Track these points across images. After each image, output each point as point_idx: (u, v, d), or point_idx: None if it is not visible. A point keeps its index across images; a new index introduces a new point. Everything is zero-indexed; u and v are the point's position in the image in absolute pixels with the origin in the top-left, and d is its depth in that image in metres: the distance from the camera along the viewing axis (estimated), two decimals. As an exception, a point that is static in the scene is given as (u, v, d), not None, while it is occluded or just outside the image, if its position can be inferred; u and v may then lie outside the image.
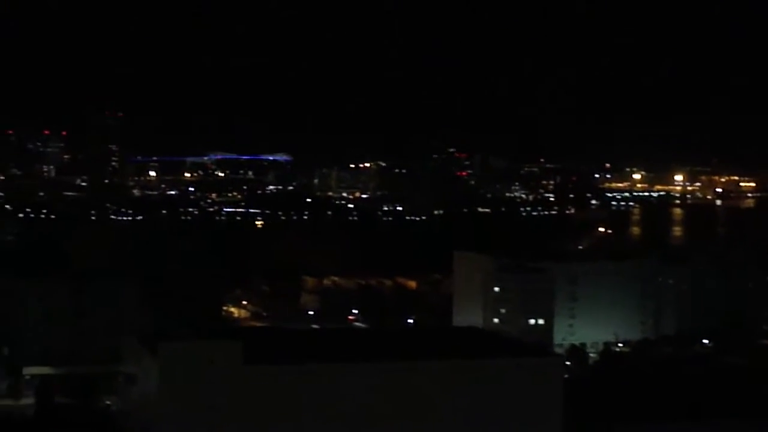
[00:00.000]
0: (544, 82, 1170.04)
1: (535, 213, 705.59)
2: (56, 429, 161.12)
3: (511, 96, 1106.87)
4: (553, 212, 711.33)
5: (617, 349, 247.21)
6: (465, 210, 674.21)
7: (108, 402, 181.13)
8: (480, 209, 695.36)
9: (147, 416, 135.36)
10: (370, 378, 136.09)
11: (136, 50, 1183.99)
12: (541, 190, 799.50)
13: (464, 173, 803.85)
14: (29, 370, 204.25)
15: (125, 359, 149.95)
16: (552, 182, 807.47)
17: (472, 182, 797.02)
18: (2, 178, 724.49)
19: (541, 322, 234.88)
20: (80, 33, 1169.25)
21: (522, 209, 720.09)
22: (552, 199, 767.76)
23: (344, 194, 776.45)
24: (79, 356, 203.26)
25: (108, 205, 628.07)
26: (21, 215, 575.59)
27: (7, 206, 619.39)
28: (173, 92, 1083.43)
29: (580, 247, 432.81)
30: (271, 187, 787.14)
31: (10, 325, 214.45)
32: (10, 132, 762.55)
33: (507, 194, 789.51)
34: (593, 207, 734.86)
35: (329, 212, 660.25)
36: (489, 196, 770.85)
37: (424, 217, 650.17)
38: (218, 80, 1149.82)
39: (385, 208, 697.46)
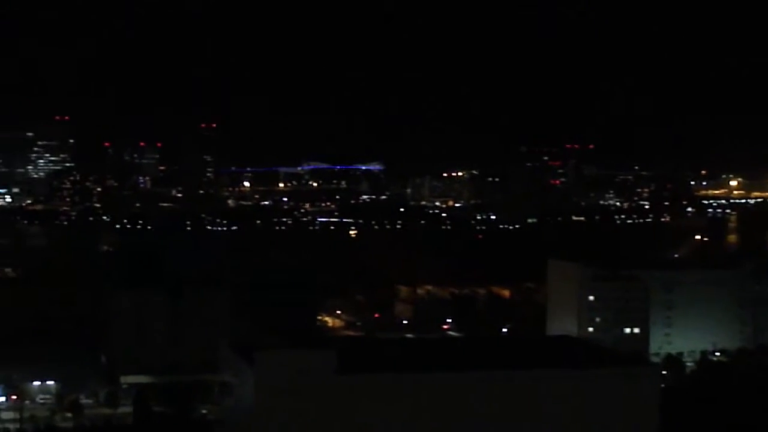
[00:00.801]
0: (640, 88, 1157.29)
1: (629, 221, 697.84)
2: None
3: (605, 102, 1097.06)
4: (648, 220, 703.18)
5: (715, 359, 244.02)
6: (558, 218, 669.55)
7: (204, 411, 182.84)
8: (574, 217, 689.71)
9: (242, 425, 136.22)
10: (464, 388, 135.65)
11: (230, 60, 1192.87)
12: (636, 198, 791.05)
13: (557, 181, 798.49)
14: (127, 379, 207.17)
15: (221, 368, 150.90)
16: (647, 189, 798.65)
17: (566, 190, 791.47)
18: (99, 189, 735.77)
19: (636, 331, 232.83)
20: (173, 44, 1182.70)
21: (616, 217, 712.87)
22: (647, 206, 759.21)
23: (437, 203, 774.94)
24: (175, 365, 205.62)
25: (203, 215, 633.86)
26: (118, 226, 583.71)
27: (105, 217, 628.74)
28: (266, 102, 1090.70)
29: (676, 256, 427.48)
30: (365, 196, 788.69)
31: (108, 335, 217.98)
32: (107, 144, 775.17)
33: (601, 202, 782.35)
34: (689, 214, 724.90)
35: (422, 221, 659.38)
36: (583, 204, 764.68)
37: (517, 226, 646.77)
38: (312, 90, 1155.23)
39: (478, 217, 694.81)
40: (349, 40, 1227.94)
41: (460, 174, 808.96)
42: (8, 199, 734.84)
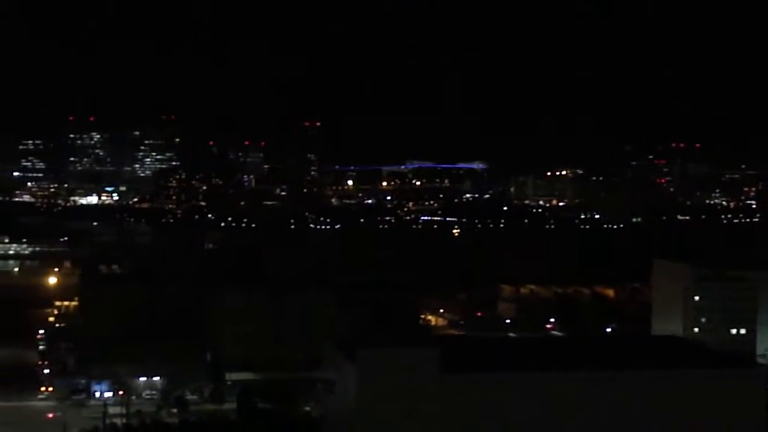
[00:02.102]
0: (747, 86, 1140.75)
1: (736, 220, 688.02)
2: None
3: (710, 101, 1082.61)
4: (755, 219, 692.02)
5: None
6: (663, 217, 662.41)
7: (307, 407, 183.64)
8: (679, 217, 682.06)
9: (345, 422, 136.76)
10: (568, 387, 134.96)
11: (333, 58, 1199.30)
12: (743, 197, 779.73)
13: (663, 180, 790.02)
14: (232, 376, 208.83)
15: (324, 365, 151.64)
16: (754, 188, 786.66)
17: (671, 189, 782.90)
18: (204, 188, 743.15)
19: (743, 332, 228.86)
20: (275, 42, 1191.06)
21: (723, 216, 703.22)
22: (754, 205, 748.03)
23: (541, 202, 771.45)
24: (279, 362, 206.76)
25: (306, 213, 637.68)
26: (223, 224, 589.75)
27: (210, 215, 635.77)
28: (370, 101, 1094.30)
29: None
30: (467, 195, 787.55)
31: (213, 332, 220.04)
32: (212, 143, 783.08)
33: (707, 201, 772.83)
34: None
35: (525, 220, 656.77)
36: (688, 203, 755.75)
37: (621, 225, 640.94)
38: (416, 89, 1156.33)
39: (582, 216, 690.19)
40: (453, 39, 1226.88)
41: (564, 173, 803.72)
42: (116, 197, 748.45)
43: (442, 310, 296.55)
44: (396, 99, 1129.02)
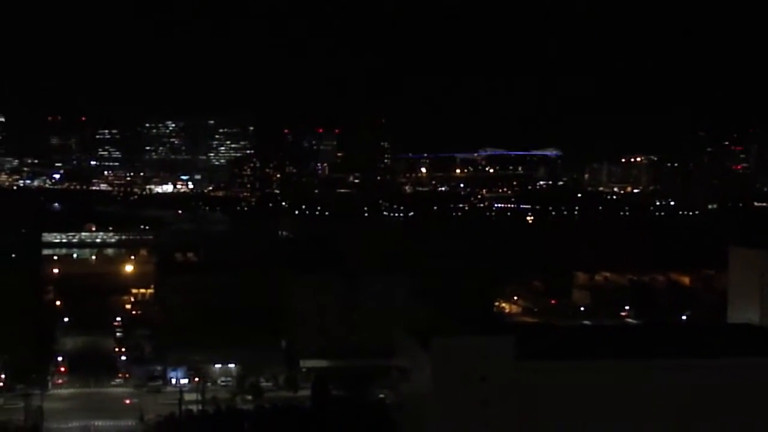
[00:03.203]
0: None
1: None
2: (332, 420, 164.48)
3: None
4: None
5: None
6: (740, 204, 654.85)
7: (381, 395, 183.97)
8: (756, 203, 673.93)
9: (420, 410, 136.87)
10: (645, 375, 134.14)
11: (409, 44, 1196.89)
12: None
13: (739, 166, 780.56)
14: (306, 363, 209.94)
15: (398, 353, 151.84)
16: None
17: (748, 175, 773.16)
18: (278, 176, 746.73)
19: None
20: (346, 30, 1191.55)
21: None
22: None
23: (615, 189, 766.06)
24: (353, 350, 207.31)
25: (380, 201, 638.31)
26: (296, 212, 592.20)
27: (284, 204, 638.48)
28: (443, 87, 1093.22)
29: None
30: (541, 182, 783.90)
31: (288, 320, 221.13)
32: (286, 131, 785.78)
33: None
34: None
35: (600, 207, 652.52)
36: (766, 189, 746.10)
37: (697, 212, 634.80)
38: (490, 74, 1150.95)
39: (657, 203, 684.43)
40: (530, 26, 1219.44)
41: (638, 159, 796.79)
42: (191, 185, 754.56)
43: (516, 298, 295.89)
44: (469, 85, 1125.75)
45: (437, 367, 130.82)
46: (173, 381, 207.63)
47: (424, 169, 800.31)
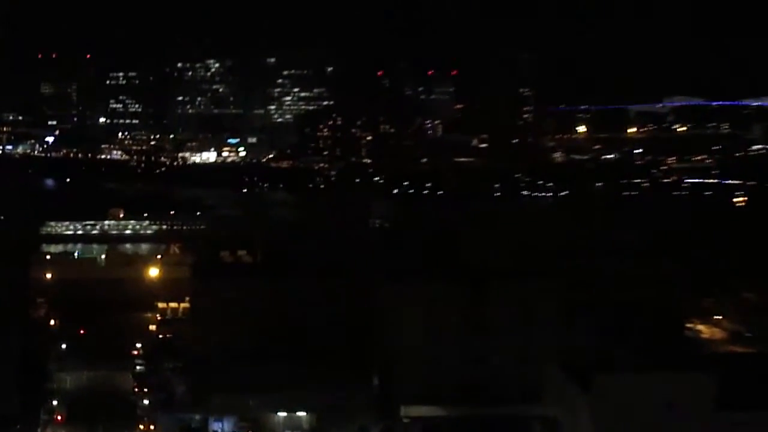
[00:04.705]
0: None
1: None
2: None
3: None
4: None
5: None
6: None
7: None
8: None
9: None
10: None
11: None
12: None
13: None
14: (409, 410, 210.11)
15: (543, 396, 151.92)
16: None
17: None
18: (369, 138, 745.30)
19: None
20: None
21: None
22: None
23: None
24: (477, 390, 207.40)
25: (516, 174, 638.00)
26: (395, 191, 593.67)
27: (376, 178, 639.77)
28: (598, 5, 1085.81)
29: None
30: (757, 146, 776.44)
31: (382, 347, 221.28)
32: (381, 74, 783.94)
33: None
34: None
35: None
36: None
37: None
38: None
39: None
40: None
41: None
42: (242, 152, 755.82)
43: (719, 317, 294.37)
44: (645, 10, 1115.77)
45: (602, 417, 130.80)
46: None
47: (582, 128, 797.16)
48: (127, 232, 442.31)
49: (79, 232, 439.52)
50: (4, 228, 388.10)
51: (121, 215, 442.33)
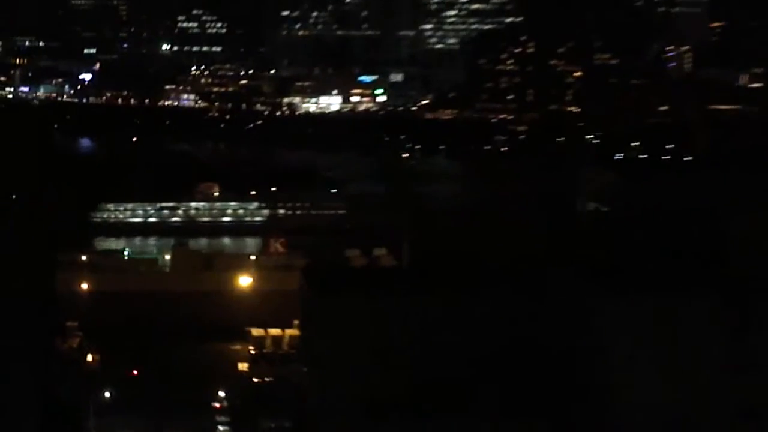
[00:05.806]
0: None
1: None
2: None
3: None
4: None
5: None
6: None
7: None
8: None
9: None
10: None
11: None
12: None
13: None
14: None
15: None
16: None
17: None
18: (575, 75, 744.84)
19: None
20: None
21: None
22: None
23: None
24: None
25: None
26: (619, 156, 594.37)
27: (590, 137, 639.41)
28: None
29: None
30: None
31: (583, 384, 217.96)
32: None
33: None
34: None
35: None
36: None
37: None
38: None
39: None
40: None
41: None
42: (381, 97, 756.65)
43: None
44: None
45: None
46: None
47: None
48: (225, 219, 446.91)
49: (139, 219, 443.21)
50: (19, 215, 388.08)
51: (216, 192, 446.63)
